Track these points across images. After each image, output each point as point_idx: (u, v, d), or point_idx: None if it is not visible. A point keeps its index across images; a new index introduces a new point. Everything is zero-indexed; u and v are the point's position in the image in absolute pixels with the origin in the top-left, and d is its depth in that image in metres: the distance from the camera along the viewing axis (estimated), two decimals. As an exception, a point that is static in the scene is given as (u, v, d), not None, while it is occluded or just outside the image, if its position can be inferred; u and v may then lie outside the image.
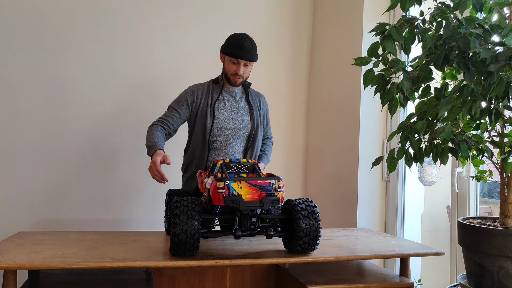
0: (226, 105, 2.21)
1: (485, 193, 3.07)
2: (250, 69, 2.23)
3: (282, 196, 1.53)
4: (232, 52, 2.13)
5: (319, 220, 1.57)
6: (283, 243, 1.67)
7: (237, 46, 2.12)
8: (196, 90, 2.23)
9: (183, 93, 2.24)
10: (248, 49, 2.13)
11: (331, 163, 2.90)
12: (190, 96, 2.21)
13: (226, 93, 2.24)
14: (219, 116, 2.18)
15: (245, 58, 2.14)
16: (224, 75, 2.22)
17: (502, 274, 1.30)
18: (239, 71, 2.16)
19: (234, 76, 2.18)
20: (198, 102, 2.20)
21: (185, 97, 2.22)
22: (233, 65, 2.17)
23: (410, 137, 1.43)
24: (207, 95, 2.21)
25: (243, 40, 2.13)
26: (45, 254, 1.48)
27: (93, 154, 2.79)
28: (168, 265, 1.48)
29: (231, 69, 2.18)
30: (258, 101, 2.31)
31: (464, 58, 1.28)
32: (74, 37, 2.77)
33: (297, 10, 3.30)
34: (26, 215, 2.64)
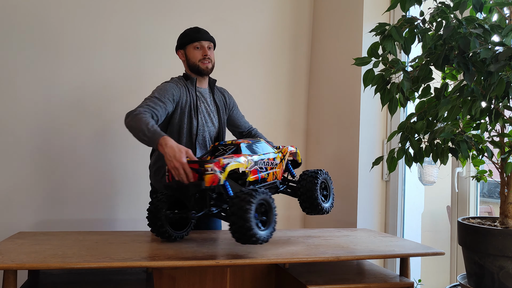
0: (202, 107, 2.18)
1: (485, 193, 3.07)
2: (214, 55, 2.19)
3: (210, 179, 1.55)
4: (192, 38, 2.13)
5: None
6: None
7: (193, 32, 2.15)
8: (177, 87, 2.10)
9: (168, 86, 2.07)
10: (204, 32, 2.17)
11: (331, 163, 2.90)
12: (176, 91, 2.07)
13: (199, 94, 2.20)
14: (201, 120, 2.15)
15: (205, 39, 2.14)
16: (192, 68, 2.13)
17: (502, 274, 1.30)
18: (206, 53, 2.12)
19: (202, 61, 2.12)
20: (182, 100, 2.10)
21: (171, 91, 2.05)
22: (197, 51, 2.13)
23: (410, 137, 1.43)
24: (188, 94, 2.13)
25: (196, 27, 2.18)
26: (45, 254, 1.48)
27: (93, 154, 2.78)
28: (168, 265, 1.48)
29: (197, 56, 2.12)
30: (223, 98, 2.28)
31: (464, 58, 1.28)
32: (72, 37, 2.76)
33: (297, 10, 3.30)
34: (26, 215, 2.64)
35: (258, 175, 1.75)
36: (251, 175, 1.72)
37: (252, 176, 1.73)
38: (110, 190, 2.81)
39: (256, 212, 1.51)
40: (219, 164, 1.58)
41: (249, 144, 1.81)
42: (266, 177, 1.80)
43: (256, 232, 1.48)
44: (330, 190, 1.99)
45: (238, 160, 1.67)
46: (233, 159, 1.66)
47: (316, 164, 3.10)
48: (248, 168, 1.70)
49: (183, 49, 2.18)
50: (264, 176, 1.78)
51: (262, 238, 1.51)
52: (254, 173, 1.74)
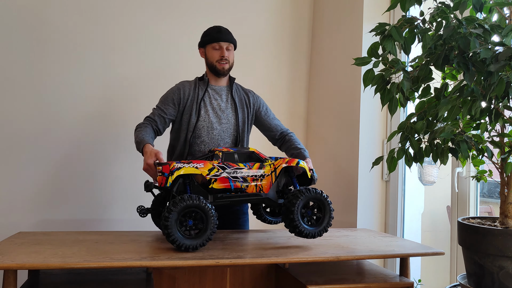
0: (212, 103, 2.18)
1: (485, 193, 3.07)
2: (233, 56, 2.21)
3: (159, 179, 1.67)
4: (212, 38, 2.16)
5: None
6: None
7: (214, 32, 2.17)
8: (182, 88, 2.18)
9: (169, 92, 2.19)
10: (226, 32, 2.17)
11: (331, 163, 2.90)
12: (176, 94, 2.16)
13: (212, 91, 2.21)
14: (205, 116, 2.15)
15: (225, 40, 2.15)
16: (210, 67, 2.19)
17: (502, 274, 1.30)
18: (224, 53, 2.14)
19: (220, 61, 2.15)
20: (185, 99, 2.16)
21: (171, 96, 2.17)
22: (216, 51, 2.16)
23: (410, 137, 1.43)
24: (194, 92, 2.18)
25: (219, 26, 2.19)
26: (45, 254, 1.48)
27: (93, 154, 2.78)
28: (168, 265, 1.48)
29: (215, 56, 2.16)
30: (246, 98, 2.26)
31: (464, 58, 1.28)
32: (71, 37, 2.76)
33: (297, 10, 3.30)
34: (26, 215, 2.64)
35: (231, 184, 1.73)
36: (218, 183, 1.71)
37: (219, 184, 1.71)
38: (110, 190, 2.81)
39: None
40: (169, 167, 1.66)
41: (229, 153, 1.78)
42: (243, 187, 1.75)
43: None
44: (325, 212, 1.78)
45: (193, 166, 1.68)
46: (189, 164, 1.68)
47: (316, 164, 3.10)
48: (210, 175, 1.70)
49: (203, 48, 2.21)
50: (238, 186, 1.74)
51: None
52: (223, 182, 1.72)
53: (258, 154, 1.85)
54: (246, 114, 2.23)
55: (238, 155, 1.80)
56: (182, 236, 1.57)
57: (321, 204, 1.78)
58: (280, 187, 1.89)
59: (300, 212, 1.72)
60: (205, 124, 2.14)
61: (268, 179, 1.80)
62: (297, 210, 1.71)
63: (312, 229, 1.75)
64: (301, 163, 1.86)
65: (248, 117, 2.24)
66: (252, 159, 1.82)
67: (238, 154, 1.80)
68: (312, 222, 1.78)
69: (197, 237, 1.60)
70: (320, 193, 1.77)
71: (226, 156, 1.78)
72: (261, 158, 1.84)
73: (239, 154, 1.80)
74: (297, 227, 1.71)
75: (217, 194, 1.74)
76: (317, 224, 1.77)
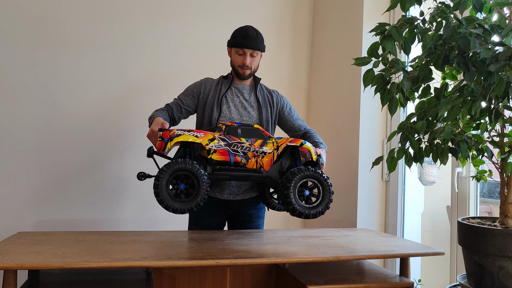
0: (234, 100, 2.19)
1: (485, 193, 3.07)
2: (258, 60, 2.20)
3: (158, 145, 1.71)
4: (237, 43, 2.14)
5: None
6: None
7: (241, 36, 2.13)
8: (205, 83, 2.22)
9: (192, 85, 2.24)
10: (253, 38, 2.12)
11: (331, 163, 2.90)
12: (197, 88, 2.21)
13: (235, 89, 2.22)
14: (227, 111, 2.15)
15: (249, 47, 2.12)
16: (233, 68, 2.21)
17: (502, 274, 1.30)
18: (245, 61, 2.13)
19: (241, 67, 2.15)
20: (206, 94, 2.19)
21: (192, 88, 2.21)
22: (239, 57, 2.15)
23: (410, 137, 1.43)
24: (216, 88, 2.20)
25: (247, 30, 2.14)
26: (45, 254, 1.48)
27: (93, 154, 2.79)
28: (168, 265, 1.48)
29: (238, 61, 2.16)
30: (270, 97, 2.25)
31: (464, 58, 1.28)
32: (74, 37, 2.76)
33: (297, 10, 3.30)
34: (26, 215, 2.64)
35: (230, 157, 1.72)
36: (217, 155, 1.71)
37: (218, 156, 1.71)
38: (110, 190, 2.81)
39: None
40: (169, 133, 1.69)
41: (233, 127, 1.79)
42: (243, 162, 1.74)
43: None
44: (324, 193, 1.74)
45: (194, 134, 1.70)
46: (189, 132, 1.70)
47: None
48: (209, 145, 1.70)
49: (230, 48, 2.21)
50: (238, 160, 1.74)
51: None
52: (223, 154, 1.72)
53: (262, 131, 1.84)
54: (270, 113, 2.23)
55: (241, 130, 1.79)
56: (170, 198, 1.59)
57: (320, 184, 1.74)
58: (284, 168, 1.84)
59: (296, 190, 1.69)
60: (226, 120, 2.14)
61: (269, 156, 1.79)
62: (293, 187, 1.68)
63: (306, 208, 1.70)
64: (305, 144, 1.82)
65: (271, 117, 2.23)
66: (255, 135, 1.81)
67: (242, 129, 1.80)
68: (310, 202, 1.73)
69: (187, 201, 1.61)
70: (320, 173, 1.74)
71: (229, 130, 1.78)
72: (264, 135, 1.83)
73: (243, 129, 1.80)
74: (291, 204, 1.67)
75: (215, 166, 1.74)
76: (314, 205, 1.72)
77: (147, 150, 1.78)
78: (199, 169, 1.63)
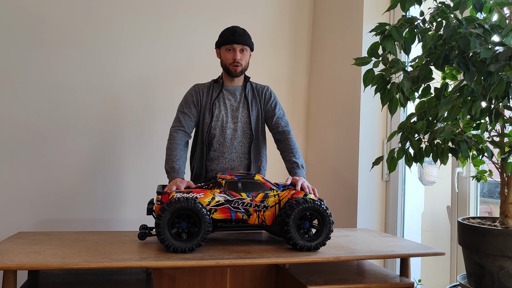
0: (226, 104, 2.20)
1: (485, 193, 3.07)
2: (248, 57, 2.21)
3: (157, 209, 1.69)
4: (225, 40, 2.16)
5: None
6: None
7: (229, 34, 2.16)
8: (198, 90, 2.22)
9: (187, 94, 2.23)
10: (240, 34, 2.16)
11: (331, 163, 2.90)
12: (194, 95, 2.20)
13: (226, 92, 2.22)
14: (220, 115, 2.16)
15: (238, 42, 2.14)
16: (223, 68, 2.21)
17: (502, 274, 1.30)
18: (236, 57, 2.14)
19: (232, 65, 2.15)
20: (201, 101, 2.20)
21: (190, 98, 2.20)
22: (229, 53, 2.16)
23: (410, 137, 1.43)
24: (208, 93, 2.21)
25: (234, 27, 2.19)
26: (45, 254, 1.48)
27: (93, 154, 2.79)
28: (168, 265, 1.48)
29: (228, 58, 2.16)
30: (259, 95, 2.25)
31: (464, 58, 1.28)
32: (75, 37, 2.77)
33: (297, 10, 3.30)
34: (26, 215, 2.64)
35: (232, 215, 1.69)
36: (218, 213, 1.68)
37: (220, 214, 1.68)
38: (110, 190, 2.81)
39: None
40: (168, 197, 1.66)
41: (233, 181, 1.74)
42: (245, 218, 1.71)
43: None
44: (324, 224, 1.72)
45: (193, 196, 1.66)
46: (188, 194, 1.66)
47: (316, 164, 3.10)
48: (210, 206, 1.67)
49: (218, 49, 2.22)
50: (240, 216, 1.70)
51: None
52: (224, 212, 1.69)
53: (264, 183, 1.78)
54: (260, 111, 2.23)
55: (242, 184, 1.75)
56: (171, 237, 1.58)
57: (319, 215, 1.72)
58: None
59: (295, 224, 1.68)
60: (219, 124, 2.15)
61: (271, 210, 1.74)
62: (292, 222, 1.67)
63: (308, 243, 1.69)
64: (308, 195, 1.78)
65: (260, 115, 2.23)
66: (256, 188, 1.76)
67: (242, 183, 1.75)
68: (310, 234, 1.72)
69: (188, 240, 1.60)
70: (318, 204, 1.71)
71: (229, 185, 1.74)
72: (265, 187, 1.77)
73: (243, 182, 1.75)
74: (292, 239, 1.67)
75: (217, 224, 1.71)
76: (314, 237, 1.71)
77: (147, 208, 1.75)
78: (201, 208, 1.61)
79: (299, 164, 2.06)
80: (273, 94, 2.29)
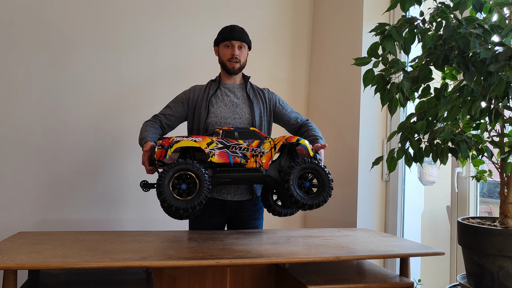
0: (224, 99, 2.19)
1: (485, 193, 3.07)
2: (246, 54, 2.23)
3: (158, 153, 1.74)
4: (224, 37, 2.18)
5: None
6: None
7: (227, 31, 2.19)
8: (193, 90, 2.23)
9: (181, 93, 2.25)
10: (239, 31, 2.19)
11: (331, 163, 2.90)
12: (186, 95, 2.22)
13: (225, 89, 2.22)
14: (218, 111, 2.15)
15: (237, 39, 2.16)
16: (222, 65, 2.22)
17: (502, 274, 1.30)
18: (234, 52, 2.16)
19: (230, 61, 2.17)
20: (195, 99, 2.20)
21: (181, 96, 2.23)
22: (227, 49, 2.18)
23: (410, 137, 1.43)
24: (204, 92, 2.21)
25: (233, 25, 2.21)
26: (45, 254, 1.48)
27: (93, 154, 2.79)
28: (168, 265, 1.48)
29: (226, 54, 2.18)
30: (261, 94, 2.26)
31: (464, 58, 1.28)
32: (74, 37, 2.77)
33: (297, 10, 3.30)
34: (26, 215, 2.64)
35: (230, 159, 1.76)
36: (217, 157, 1.74)
37: (218, 158, 1.75)
38: (110, 190, 2.81)
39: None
40: (168, 141, 1.72)
41: (230, 131, 1.83)
42: (243, 162, 1.78)
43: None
44: (323, 183, 1.77)
45: (192, 139, 1.73)
46: (188, 138, 1.73)
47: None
48: (208, 149, 1.74)
49: (217, 46, 2.24)
50: (238, 161, 1.77)
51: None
52: (222, 156, 1.75)
53: (259, 133, 1.88)
54: (264, 109, 2.23)
55: (238, 133, 1.84)
56: (172, 197, 1.62)
57: (318, 174, 1.77)
58: (283, 167, 1.86)
59: (295, 182, 1.73)
60: (217, 120, 2.14)
61: (267, 155, 1.82)
62: (292, 180, 1.71)
63: (309, 199, 1.73)
64: (301, 140, 1.86)
65: (265, 112, 2.23)
66: (252, 137, 1.85)
67: (239, 132, 1.84)
68: (311, 193, 1.76)
69: (189, 200, 1.64)
70: (316, 163, 1.76)
71: (226, 134, 1.82)
72: (261, 136, 1.87)
73: (240, 132, 1.84)
74: (293, 196, 1.71)
75: (216, 168, 1.77)
76: (315, 195, 1.75)
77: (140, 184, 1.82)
78: (200, 168, 1.66)
79: (321, 138, 2.15)
80: (274, 94, 2.32)
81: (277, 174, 1.84)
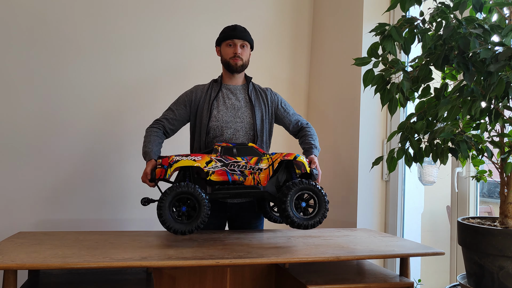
0: (226, 102, 2.17)
1: (485, 193, 3.07)
2: (248, 54, 2.23)
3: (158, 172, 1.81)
4: (226, 35, 2.18)
5: None
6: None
7: (229, 30, 2.20)
8: (195, 90, 2.21)
9: (182, 94, 2.23)
10: (241, 30, 2.19)
11: (331, 163, 2.90)
12: (188, 96, 2.20)
13: (226, 90, 2.21)
14: (219, 115, 2.13)
15: (239, 37, 2.17)
16: (224, 64, 2.21)
17: (502, 274, 1.30)
18: (237, 50, 2.16)
19: (233, 58, 2.17)
20: (197, 101, 2.19)
21: (183, 98, 2.21)
22: (229, 48, 2.18)
23: (410, 137, 1.43)
24: (206, 93, 2.19)
25: (235, 25, 2.22)
26: (45, 254, 1.48)
27: (93, 154, 2.79)
28: (168, 265, 1.48)
29: (229, 53, 2.18)
30: (263, 96, 2.25)
31: (464, 58, 1.28)
32: (74, 37, 2.77)
33: (297, 10, 3.30)
34: (26, 215, 2.64)
35: (228, 177, 1.79)
36: (216, 175, 1.78)
37: (217, 176, 1.78)
38: (110, 190, 2.81)
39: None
40: (168, 160, 1.77)
41: (228, 148, 1.86)
42: (241, 180, 1.82)
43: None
44: (320, 204, 1.81)
45: (191, 159, 1.77)
46: (187, 157, 1.77)
47: (316, 164, 3.10)
48: (207, 167, 1.78)
49: (219, 46, 2.23)
50: (236, 178, 1.81)
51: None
52: (221, 174, 1.79)
53: (257, 149, 1.90)
54: (265, 112, 2.22)
55: (236, 150, 1.86)
56: (172, 219, 1.67)
57: (315, 195, 1.81)
58: (280, 182, 1.91)
59: (292, 203, 1.77)
60: (219, 124, 2.13)
61: (265, 172, 1.85)
62: (289, 201, 1.75)
63: (304, 220, 1.77)
64: (299, 157, 1.89)
65: (266, 115, 2.22)
66: (250, 153, 1.87)
67: (237, 149, 1.87)
68: (307, 213, 1.81)
69: (188, 223, 1.69)
70: (313, 185, 1.81)
71: (224, 151, 1.84)
72: (259, 152, 1.89)
73: (238, 148, 1.87)
74: (289, 217, 1.75)
75: (215, 186, 1.81)
76: (311, 216, 1.80)
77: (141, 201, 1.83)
78: (201, 193, 1.70)
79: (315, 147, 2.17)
80: (277, 95, 2.31)
81: (275, 189, 1.89)
